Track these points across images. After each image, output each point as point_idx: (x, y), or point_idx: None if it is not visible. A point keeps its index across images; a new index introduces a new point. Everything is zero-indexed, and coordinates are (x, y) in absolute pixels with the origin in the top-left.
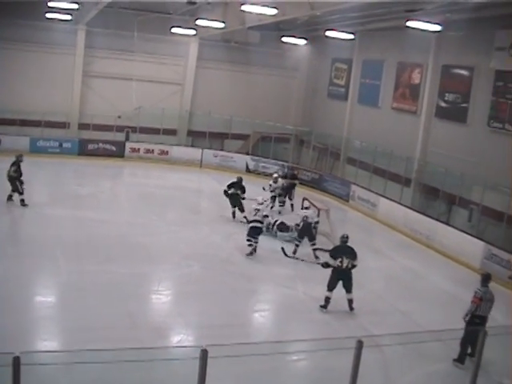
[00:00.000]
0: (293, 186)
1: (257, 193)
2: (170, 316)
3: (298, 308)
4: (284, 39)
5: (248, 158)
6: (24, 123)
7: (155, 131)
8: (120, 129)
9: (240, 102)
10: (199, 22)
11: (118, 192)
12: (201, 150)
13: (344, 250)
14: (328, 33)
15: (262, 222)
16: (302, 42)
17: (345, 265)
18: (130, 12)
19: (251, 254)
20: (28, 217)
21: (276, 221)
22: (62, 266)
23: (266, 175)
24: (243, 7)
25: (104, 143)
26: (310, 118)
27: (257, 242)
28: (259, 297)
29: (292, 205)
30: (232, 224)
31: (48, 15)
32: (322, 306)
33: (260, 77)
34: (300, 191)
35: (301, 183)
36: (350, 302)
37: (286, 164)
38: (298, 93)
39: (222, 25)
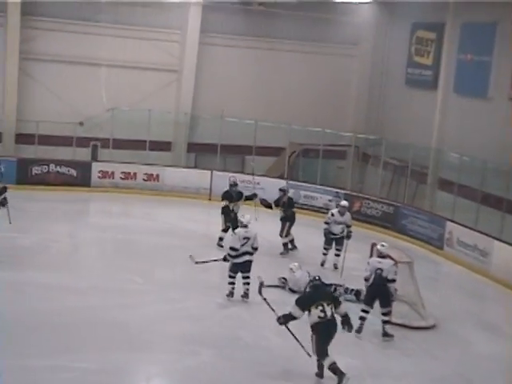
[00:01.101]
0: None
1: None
2: None
3: None
4: None
5: (283, 183)
6: None
7: (138, 145)
8: (83, 142)
9: (268, 98)
10: None
11: (80, 241)
12: (209, 173)
13: (320, 295)
14: None
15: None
16: None
17: (329, 313)
18: None
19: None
20: None
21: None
22: None
23: (312, 209)
24: None
25: (58, 165)
26: (379, 119)
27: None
28: None
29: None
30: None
31: None
32: (317, 375)
33: (298, 57)
34: (363, 233)
35: (365, 220)
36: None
37: (341, 191)
38: (358, 80)
39: None
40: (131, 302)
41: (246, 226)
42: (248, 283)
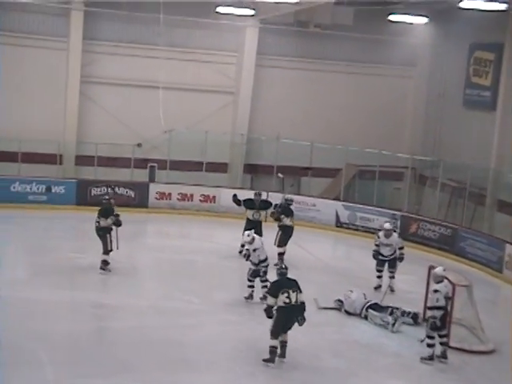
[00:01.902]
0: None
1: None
2: None
3: None
4: (392, 17)
5: (339, 205)
6: None
7: (195, 166)
8: (140, 164)
9: (324, 120)
10: None
11: (138, 261)
12: (265, 195)
13: (287, 284)
14: (464, 3)
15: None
16: (421, 20)
17: (293, 299)
18: None
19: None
20: (2, 301)
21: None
22: (49, 380)
23: (368, 231)
24: None
25: (116, 186)
26: (436, 140)
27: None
28: None
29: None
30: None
31: None
32: (267, 360)
33: (354, 78)
34: (419, 255)
35: (422, 243)
36: (284, 344)
37: (398, 213)
38: (414, 101)
39: None
40: (188, 322)
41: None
42: (266, 286)
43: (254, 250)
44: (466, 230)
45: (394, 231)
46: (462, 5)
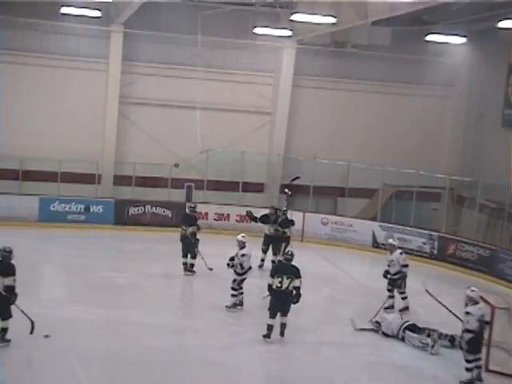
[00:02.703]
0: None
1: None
2: None
3: None
4: (430, 38)
5: (375, 225)
6: (29, 176)
7: (231, 186)
8: (177, 183)
9: (361, 140)
10: (296, 17)
11: (175, 281)
12: (302, 215)
13: (284, 269)
14: (503, 23)
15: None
16: (459, 40)
17: (284, 286)
18: (189, 5)
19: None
20: (37, 319)
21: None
22: None
23: (405, 252)
24: None
25: (154, 206)
26: (474, 160)
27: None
28: None
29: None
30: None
31: (64, 9)
32: (264, 336)
33: (391, 99)
34: (457, 276)
35: (460, 264)
36: (283, 326)
37: (435, 234)
38: (453, 121)
39: (332, 20)
40: (225, 342)
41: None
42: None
43: (243, 256)
44: (505, 251)
45: (399, 248)
46: (500, 25)
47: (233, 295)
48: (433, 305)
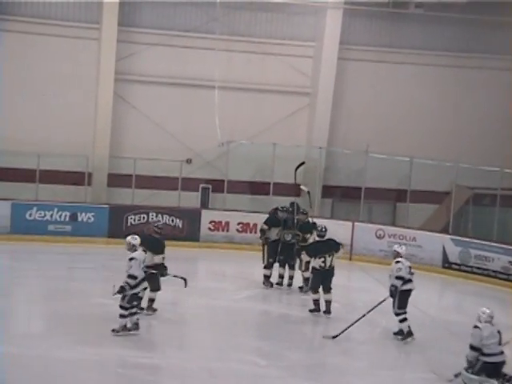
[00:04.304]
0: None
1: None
2: None
3: None
4: None
5: (447, 239)
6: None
7: (259, 188)
8: (190, 185)
9: (426, 129)
10: None
11: (187, 310)
12: (350, 225)
13: (324, 247)
14: None
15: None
16: None
17: (328, 264)
18: None
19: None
20: (5, 361)
21: None
22: None
23: (485, 274)
24: None
25: (160, 213)
26: None
27: None
28: None
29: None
30: None
31: None
32: (311, 311)
33: (468, 74)
34: None
35: None
36: (329, 303)
37: None
38: None
39: None
40: None
41: None
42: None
43: (131, 260)
44: None
45: (401, 257)
46: None
47: (122, 316)
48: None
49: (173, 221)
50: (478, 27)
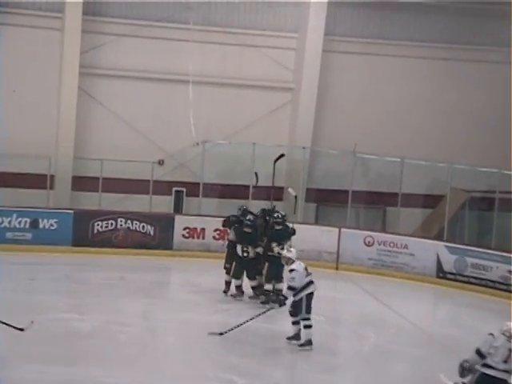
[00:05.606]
0: None
1: None
2: None
3: None
4: None
5: (440, 246)
6: None
7: (237, 192)
8: (162, 188)
9: (417, 127)
10: None
11: (158, 325)
12: (337, 231)
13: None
14: None
15: None
16: None
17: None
18: None
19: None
20: None
21: None
22: None
23: (483, 284)
24: None
25: (129, 219)
26: None
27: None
28: None
29: None
30: None
31: None
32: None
33: (462, 68)
34: None
35: None
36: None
37: None
38: None
39: None
40: None
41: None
42: None
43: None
44: None
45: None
46: None
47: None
48: None
49: (143, 227)
50: (472, 17)
